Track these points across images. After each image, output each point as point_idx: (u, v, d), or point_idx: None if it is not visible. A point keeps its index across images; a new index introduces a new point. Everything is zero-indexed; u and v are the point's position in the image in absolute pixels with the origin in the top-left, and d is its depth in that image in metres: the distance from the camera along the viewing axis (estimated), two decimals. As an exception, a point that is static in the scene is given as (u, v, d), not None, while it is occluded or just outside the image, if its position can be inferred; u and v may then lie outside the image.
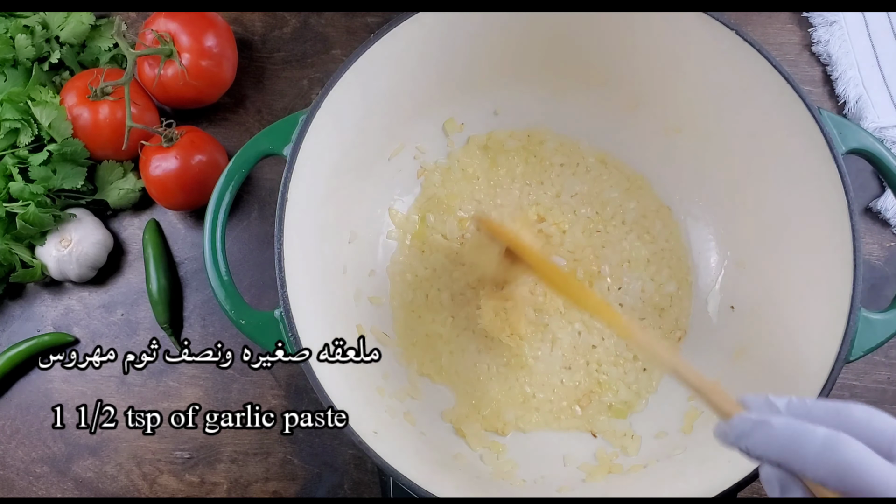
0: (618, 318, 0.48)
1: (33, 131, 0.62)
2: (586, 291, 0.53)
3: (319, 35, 0.71)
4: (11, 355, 0.64)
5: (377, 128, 0.58)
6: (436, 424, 0.59)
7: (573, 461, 0.57)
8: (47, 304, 0.66)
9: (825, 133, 0.49)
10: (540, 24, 0.56)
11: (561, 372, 0.61)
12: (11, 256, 0.63)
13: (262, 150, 0.51)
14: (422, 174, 0.64)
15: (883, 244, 0.66)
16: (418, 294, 0.62)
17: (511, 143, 0.64)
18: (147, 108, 0.65)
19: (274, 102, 0.70)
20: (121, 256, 0.67)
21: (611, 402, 0.60)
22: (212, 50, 0.63)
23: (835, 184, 0.48)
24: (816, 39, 0.69)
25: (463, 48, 0.57)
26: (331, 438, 0.63)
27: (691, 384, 0.42)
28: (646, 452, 0.57)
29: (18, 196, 0.61)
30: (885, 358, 0.63)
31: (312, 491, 0.63)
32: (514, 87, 0.62)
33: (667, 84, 0.58)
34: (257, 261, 0.67)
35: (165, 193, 0.63)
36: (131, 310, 0.66)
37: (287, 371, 0.64)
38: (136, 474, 0.63)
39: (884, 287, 0.65)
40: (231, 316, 0.49)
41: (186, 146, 0.62)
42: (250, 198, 0.68)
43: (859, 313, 0.47)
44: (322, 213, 0.55)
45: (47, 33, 0.66)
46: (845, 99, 0.68)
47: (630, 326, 0.47)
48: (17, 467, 0.64)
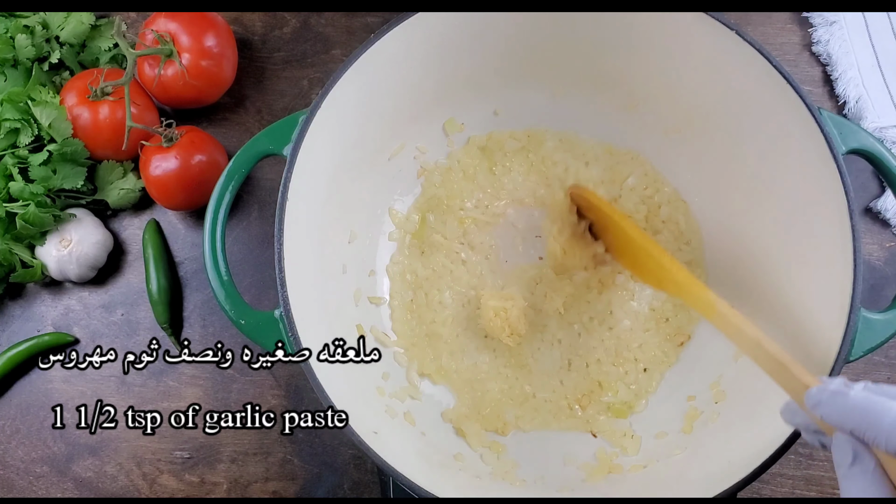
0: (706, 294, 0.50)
1: (33, 131, 0.62)
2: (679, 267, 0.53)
3: (319, 35, 0.71)
4: (11, 355, 0.64)
5: (377, 128, 0.58)
6: (436, 424, 0.59)
7: (573, 461, 0.57)
8: (47, 304, 0.66)
9: (825, 133, 0.49)
10: (540, 24, 0.56)
11: (561, 372, 0.61)
12: (11, 256, 0.63)
13: (262, 150, 0.51)
14: (422, 174, 0.64)
15: (883, 244, 0.66)
16: (418, 294, 0.62)
17: (511, 144, 0.64)
18: (147, 108, 0.65)
19: (274, 102, 0.70)
20: (121, 256, 0.67)
21: (611, 402, 0.60)
22: (212, 50, 0.63)
23: (835, 184, 0.48)
24: (816, 39, 0.69)
25: (463, 48, 0.57)
26: (331, 438, 0.63)
27: (773, 357, 0.43)
28: (646, 452, 0.57)
29: (18, 196, 0.61)
30: (885, 358, 0.63)
31: (312, 491, 0.63)
32: (514, 87, 0.62)
33: (666, 84, 0.58)
34: (257, 261, 0.67)
35: (165, 193, 0.63)
36: (131, 310, 0.66)
37: (287, 371, 0.64)
38: (136, 474, 0.63)
39: (884, 287, 0.65)
40: (231, 316, 0.49)
41: (186, 146, 0.62)
42: (250, 198, 0.68)
43: (859, 313, 0.47)
44: (322, 213, 0.55)
45: (47, 33, 0.66)
46: (845, 99, 0.68)
47: (717, 304, 0.49)
48: (17, 467, 0.64)
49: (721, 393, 0.56)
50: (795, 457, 0.62)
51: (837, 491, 0.61)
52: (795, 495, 0.61)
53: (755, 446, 0.47)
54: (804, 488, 0.61)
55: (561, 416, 0.60)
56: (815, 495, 0.61)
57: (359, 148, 0.57)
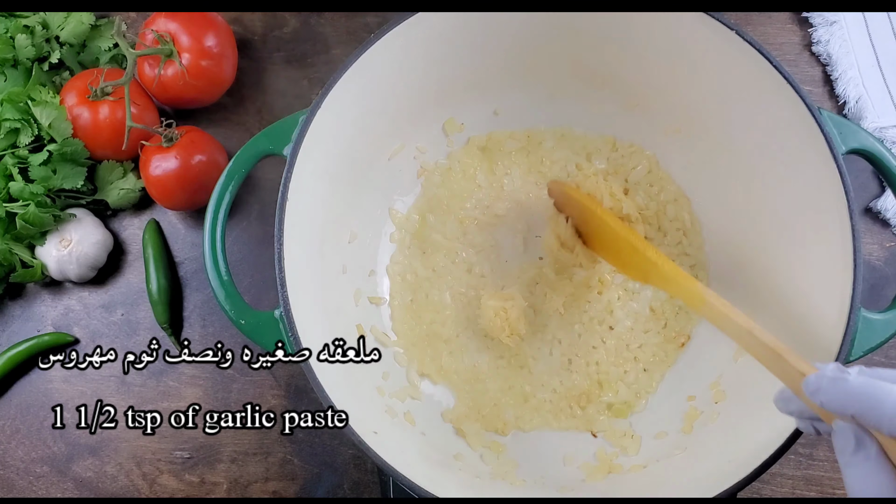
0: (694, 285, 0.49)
1: (33, 131, 0.62)
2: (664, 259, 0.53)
3: (319, 35, 0.71)
4: (11, 355, 0.64)
5: (377, 128, 0.58)
6: (436, 424, 0.59)
7: (573, 461, 0.57)
8: (47, 304, 0.66)
9: (825, 133, 0.49)
10: (540, 25, 0.56)
11: (561, 372, 0.61)
12: (11, 256, 0.63)
13: (262, 150, 0.51)
14: (422, 174, 0.64)
15: (883, 244, 0.66)
16: (418, 294, 0.62)
17: (511, 144, 0.64)
18: (147, 108, 0.65)
19: (274, 102, 0.70)
20: (121, 256, 0.67)
21: (611, 402, 0.60)
22: (212, 50, 0.63)
23: (835, 184, 0.48)
24: (816, 39, 0.69)
25: (463, 48, 0.57)
26: (331, 438, 0.63)
27: (767, 347, 0.43)
28: (646, 452, 0.57)
29: (18, 196, 0.61)
30: (885, 358, 0.63)
31: (312, 491, 0.63)
32: (514, 87, 0.62)
33: (666, 84, 0.58)
34: (257, 261, 0.67)
35: (165, 193, 0.63)
36: (131, 310, 0.66)
37: (287, 371, 0.64)
38: (136, 474, 0.63)
39: (884, 287, 0.65)
40: (231, 316, 0.49)
41: (186, 146, 0.62)
42: (250, 198, 0.68)
43: (859, 313, 0.47)
44: (322, 212, 0.55)
45: (47, 33, 0.66)
46: (845, 99, 0.68)
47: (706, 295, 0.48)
48: (17, 467, 0.64)
49: (721, 393, 0.56)
50: (795, 457, 0.62)
51: (838, 491, 0.61)
52: (795, 495, 0.61)
53: (755, 446, 0.47)
54: (804, 488, 0.61)
55: (561, 416, 0.60)
56: (815, 495, 0.61)
57: (359, 148, 0.57)
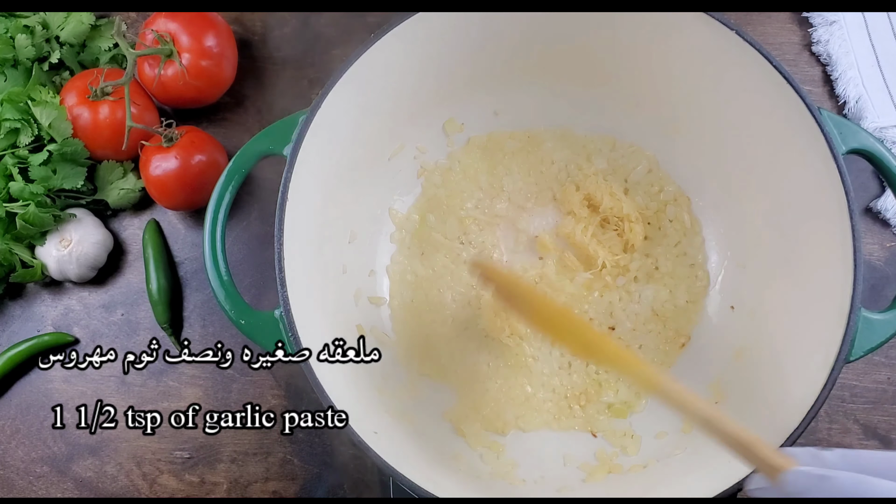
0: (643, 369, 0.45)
1: (33, 131, 0.62)
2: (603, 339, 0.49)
3: (319, 35, 0.71)
4: (11, 355, 0.64)
5: (377, 127, 0.58)
6: (436, 424, 0.59)
7: (573, 461, 0.57)
8: (47, 304, 0.66)
9: (825, 133, 0.49)
10: (540, 24, 0.56)
11: (561, 372, 0.61)
12: (11, 256, 0.63)
13: (262, 150, 0.51)
14: (422, 174, 0.64)
15: (883, 244, 0.66)
16: (418, 294, 0.62)
17: (511, 144, 0.64)
18: (147, 108, 0.65)
19: (274, 102, 0.70)
20: (121, 256, 0.67)
21: (611, 402, 0.60)
22: (212, 50, 0.63)
23: (835, 184, 0.48)
24: (816, 39, 0.69)
25: (463, 48, 0.57)
26: (331, 438, 0.63)
27: (730, 436, 0.40)
28: (646, 452, 0.57)
29: (18, 196, 0.61)
30: (885, 358, 0.63)
31: (312, 491, 0.63)
32: (514, 87, 0.62)
33: (666, 84, 0.58)
34: (257, 261, 0.67)
35: (165, 193, 0.63)
36: (131, 310, 0.66)
37: (287, 371, 0.64)
38: (136, 474, 0.63)
39: (884, 287, 0.65)
40: (231, 316, 0.49)
41: (186, 146, 0.62)
42: (250, 198, 0.68)
43: (859, 313, 0.47)
44: (322, 212, 0.55)
45: (47, 33, 0.66)
46: (845, 99, 0.68)
47: (659, 379, 0.44)
48: (17, 467, 0.64)
49: (721, 393, 0.56)
50: (795, 457, 0.62)
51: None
52: (795, 495, 0.61)
53: (755, 446, 0.47)
54: (804, 488, 0.61)
55: (561, 416, 0.60)
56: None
57: (359, 148, 0.57)
